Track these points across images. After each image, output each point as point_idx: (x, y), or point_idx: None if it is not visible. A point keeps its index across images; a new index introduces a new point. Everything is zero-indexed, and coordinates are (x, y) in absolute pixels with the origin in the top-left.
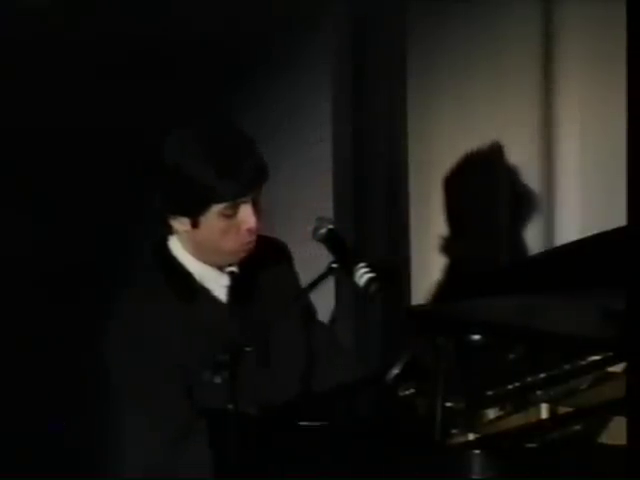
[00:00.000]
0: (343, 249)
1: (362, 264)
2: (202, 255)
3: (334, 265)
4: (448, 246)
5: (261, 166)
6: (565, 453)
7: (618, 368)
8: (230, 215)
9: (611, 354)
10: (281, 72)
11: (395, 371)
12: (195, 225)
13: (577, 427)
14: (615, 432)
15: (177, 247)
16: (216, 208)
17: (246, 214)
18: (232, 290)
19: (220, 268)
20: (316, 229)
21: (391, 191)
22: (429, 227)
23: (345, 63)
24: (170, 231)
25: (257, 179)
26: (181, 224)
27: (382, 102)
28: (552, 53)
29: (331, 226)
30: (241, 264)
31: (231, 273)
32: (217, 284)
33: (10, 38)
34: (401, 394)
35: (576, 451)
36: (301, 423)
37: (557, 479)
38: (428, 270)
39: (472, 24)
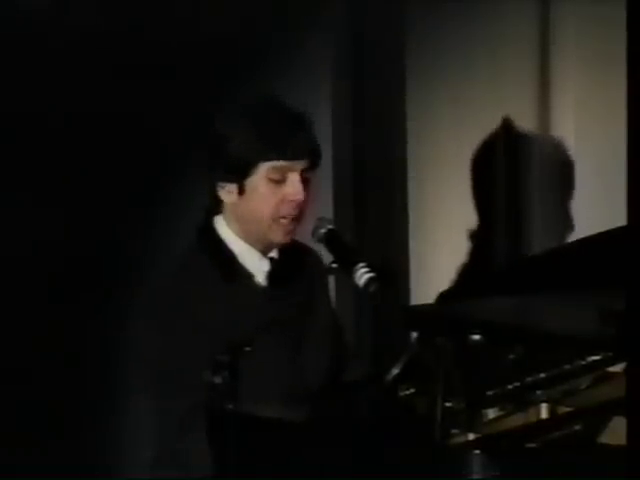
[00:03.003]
0: (343, 249)
1: (362, 264)
2: (247, 233)
3: (334, 265)
4: (449, 245)
5: (313, 142)
6: (565, 453)
7: (618, 368)
8: (276, 181)
9: (611, 354)
10: (281, 72)
11: (395, 371)
12: (241, 192)
13: (577, 427)
14: (615, 432)
15: (223, 227)
16: (262, 169)
17: (293, 184)
18: (271, 276)
19: (263, 253)
20: (316, 229)
21: (391, 191)
22: (429, 227)
23: (345, 63)
24: (217, 208)
25: (306, 150)
26: (228, 193)
27: (382, 102)
28: (551, 53)
29: (331, 226)
30: (282, 253)
31: (272, 259)
32: (258, 268)
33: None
34: (401, 394)
35: (576, 451)
36: (303, 423)
37: (557, 479)
38: (428, 270)
39: (471, 24)
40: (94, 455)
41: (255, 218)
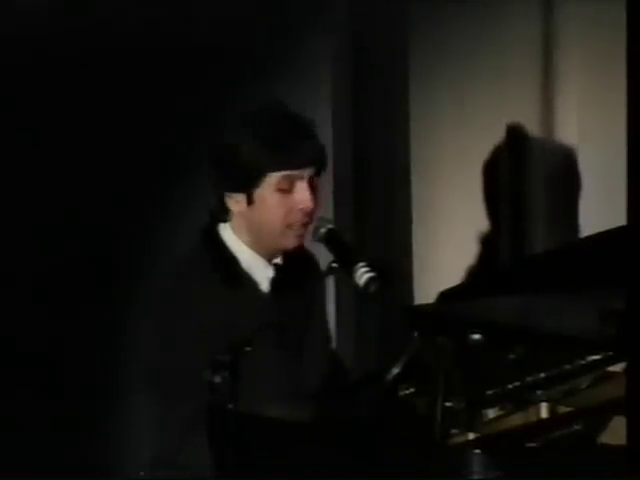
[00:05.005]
0: (343, 249)
1: (362, 264)
2: (254, 240)
3: (334, 265)
4: (451, 246)
5: (319, 148)
6: (565, 453)
7: (618, 368)
8: (285, 190)
9: (611, 354)
10: (281, 73)
11: (395, 371)
12: (250, 202)
13: (577, 427)
14: (615, 432)
15: (228, 233)
16: (271, 180)
17: (301, 192)
18: (275, 282)
19: (268, 259)
20: (316, 229)
21: (391, 191)
22: (431, 228)
23: (345, 63)
24: (224, 217)
25: (314, 158)
26: (237, 203)
27: (383, 103)
28: (552, 54)
29: (331, 226)
30: (285, 259)
31: (276, 265)
32: (262, 274)
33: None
34: (401, 394)
35: (576, 451)
36: (304, 423)
37: (557, 479)
38: (429, 270)
39: (473, 25)
40: (94, 455)
41: (265, 227)
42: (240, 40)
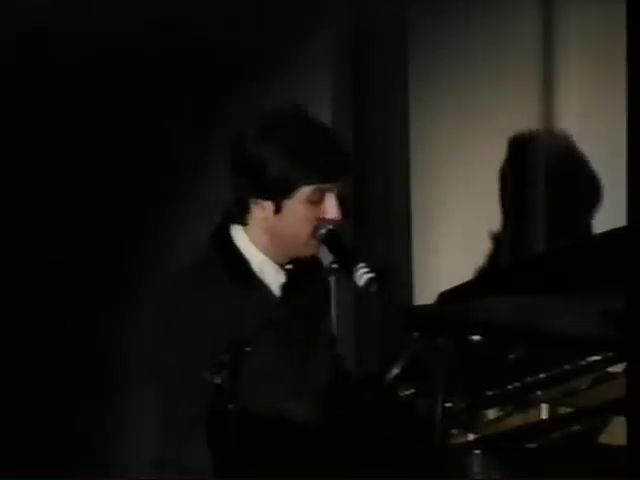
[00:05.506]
0: (343, 249)
1: (362, 264)
2: (273, 246)
3: (334, 265)
4: (452, 246)
5: (348, 159)
6: (565, 453)
7: (618, 368)
8: (315, 202)
9: (611, 354)
10: (281, 72)
11: (395, 371)
12: (278, 210)
13: (577, 427)
14: (615, 432)
15: (241, 236)
16: (303, 192)
17: (331, 205)
18: (287, 287)
19: (280, 265)
20: (316, 229)
21: (391, 192)
22: (431, 227)
23: (345, 63)
24: (243, 221)
25: (345, 169)
26: (263, 210)
27: (382, 103)
28: (552, 53)
29: (331, 226)
30: (295, 263)
31: (289, 271)
32: (274, 279)
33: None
34: (401, 394)
35: (576, 451)
36: (304, 423)
37: (557, 479)
38: (428, 270)
39: (473, 25)
40: (94, 455)
41: (290, 236)
42: (240, 40)
